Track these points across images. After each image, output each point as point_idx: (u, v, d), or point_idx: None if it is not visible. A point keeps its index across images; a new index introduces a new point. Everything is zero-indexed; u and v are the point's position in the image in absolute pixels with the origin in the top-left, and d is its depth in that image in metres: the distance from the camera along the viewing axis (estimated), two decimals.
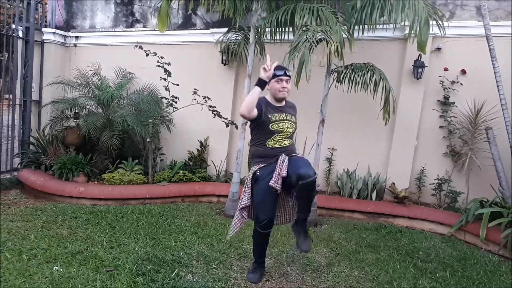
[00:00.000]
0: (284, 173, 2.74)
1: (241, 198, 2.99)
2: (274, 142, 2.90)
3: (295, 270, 3.34)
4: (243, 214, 2.99)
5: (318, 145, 4.70)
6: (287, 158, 2.84)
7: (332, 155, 5.53)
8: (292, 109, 3.06)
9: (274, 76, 2.86)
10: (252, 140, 3.03)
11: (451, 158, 5.15)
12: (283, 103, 2.99)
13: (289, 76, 2.91)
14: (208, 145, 5.93)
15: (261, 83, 2.74)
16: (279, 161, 2.82)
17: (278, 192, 2.81)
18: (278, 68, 2.88)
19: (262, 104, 2.90)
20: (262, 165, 2.91)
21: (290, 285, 3.09)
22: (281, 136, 2.91)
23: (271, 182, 2.77)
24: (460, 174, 5.08)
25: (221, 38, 5.37)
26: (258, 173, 2.91)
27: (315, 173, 2.75)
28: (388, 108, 4.44)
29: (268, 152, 2.90)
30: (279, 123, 2.91)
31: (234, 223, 3.00)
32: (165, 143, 6.13)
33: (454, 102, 5.08)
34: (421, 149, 5.29)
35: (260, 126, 2.91)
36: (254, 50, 4.94)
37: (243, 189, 2.99)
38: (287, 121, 2.94)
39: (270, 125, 2.88)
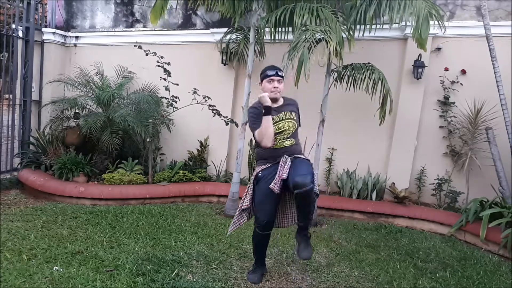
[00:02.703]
0: (285, 175, 2.70)
1: (242, 199, 2.98)
2: (275, 143, 2.86)
3: (295, 270, 3.34)
4: (243, 215, 2.99)
5: (318, 145, 4.69)
6: (289, 159, 2.80)
7: (332, 155, 5.53)
8: (291, 106, 2.99)
9: (266, 76, 2.86)
10: (255, 142, 3.00)
11: (451, 158, 5.15)
12: (280, 102, 2.95)
13: (281, 76, 2.86)
14: (208, 145, 5.93)
15: (267, 110, 2.74)
16: (281, 162, 2.80)
17: (278, 193, 2.78)
18: (270, 68, 2.88)
19: (259, 110, 2.84)
20: (265, 166, 2.90)
21: (290, 285, 3.09)
22: (282, 136, 2.88)
23: (271, 184, 2.74)
24: (460, 174, 5.08)
25: (221, 38, 5.37)
26: (260, 174, 2.90)
27: (312, 182, 2.63)
28: (385, 108, 4.44)
29: (270, 153, 2.88)
30: (278, 124, 2.87)
31: (233, 222, 3.02)
32: (165, 143, 6.13)
33: (454, 102, 5.08)
34: (421, 149, 5.29)
35: None
36: (254, 50, 4.94)
37: (246, 190, 2.98)
38: (286, 120, 2.89)
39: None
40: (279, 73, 2.85)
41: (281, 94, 2.92)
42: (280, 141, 2.87)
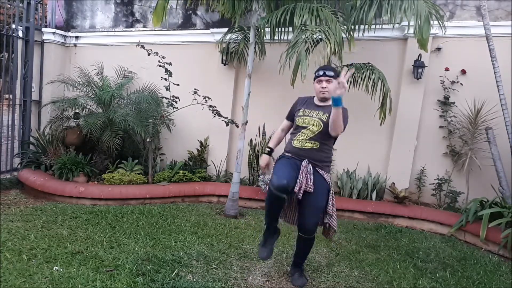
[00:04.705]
0: (299, 196, 2.78)
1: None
2: (298, 141, 2.89)
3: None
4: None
5: None
6: (312, 169, 2.83)
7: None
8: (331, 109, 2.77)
9: (315, 77, 2.89)
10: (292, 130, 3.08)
11: (451, 158, 5.15)
12: (328, 102, 2.85)
13: (330, 76, 2.82)
14: (208, 145, 5.93)
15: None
16: (302, 167, 2.81)
17: (295, 166, 2.83)
18: (319, 68, 2.90)
19: (299, 103, 3.03)
20: (288, 155, 2.95)
21: (290, 285, 3.09)
22: (305, 134, 2.87)
23: (296, 188, 2.77)
24: (460, 174, 5.08)
25: (221, 38, 5.37)
26: (284, 155, 2.99)
27: (316, 227, 2.91)
28: (385, 108, 4.43)
29: (293, 150, 2.93)
30: (305, 118, 2.89)
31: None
32: (165, 143, 6.13)
33: (454, 102, 5.08)
34: (421, 149, 5.29)
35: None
36: (254, 50, 4.94)
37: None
38: (314, 119, 2.86)
39: (297, 118, 2.95)
40: (327, 73, 2.84)
41: (331, 94, 2.75)
42: (302, 141, 2.88)
